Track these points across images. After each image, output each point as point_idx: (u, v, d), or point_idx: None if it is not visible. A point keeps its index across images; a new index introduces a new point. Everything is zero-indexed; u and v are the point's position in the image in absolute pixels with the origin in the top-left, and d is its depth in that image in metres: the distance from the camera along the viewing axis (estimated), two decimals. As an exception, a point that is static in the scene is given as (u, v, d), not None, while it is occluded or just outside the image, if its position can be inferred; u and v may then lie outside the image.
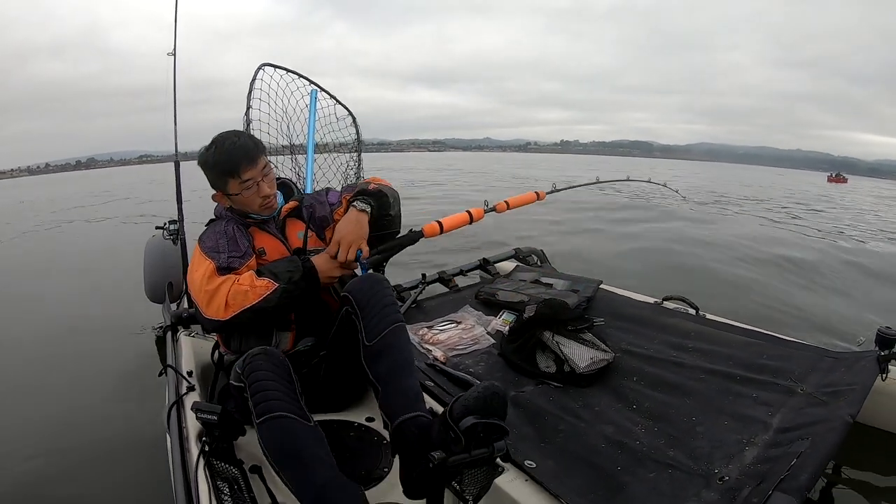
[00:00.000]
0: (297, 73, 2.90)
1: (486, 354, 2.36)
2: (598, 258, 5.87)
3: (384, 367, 1.52)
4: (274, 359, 1.49)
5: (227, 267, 1.69)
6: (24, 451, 2.42)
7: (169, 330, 2.32)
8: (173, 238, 2.94)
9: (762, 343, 2.18)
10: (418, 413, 1.43)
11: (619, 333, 2.42)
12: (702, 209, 11.73)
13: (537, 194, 2.59)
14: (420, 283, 3.08)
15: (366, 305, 1.60)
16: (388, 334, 1.56)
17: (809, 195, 20.68)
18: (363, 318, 1.59)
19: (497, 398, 1.31)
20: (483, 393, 1.30)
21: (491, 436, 1.29)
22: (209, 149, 1.77)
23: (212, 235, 1.79)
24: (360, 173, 3.35)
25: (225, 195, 1.80)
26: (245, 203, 1.80)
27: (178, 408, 1.72)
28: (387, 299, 1.63)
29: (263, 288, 1.62)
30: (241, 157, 1.74)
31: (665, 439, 1.72)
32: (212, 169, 1.77)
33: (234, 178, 1.74)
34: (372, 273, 1.77)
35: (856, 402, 1.67)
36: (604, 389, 2.05)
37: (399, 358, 1.54)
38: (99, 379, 3.08)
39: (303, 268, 1.68)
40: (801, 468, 1.40)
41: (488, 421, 1.27)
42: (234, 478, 1.46)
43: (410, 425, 1.40)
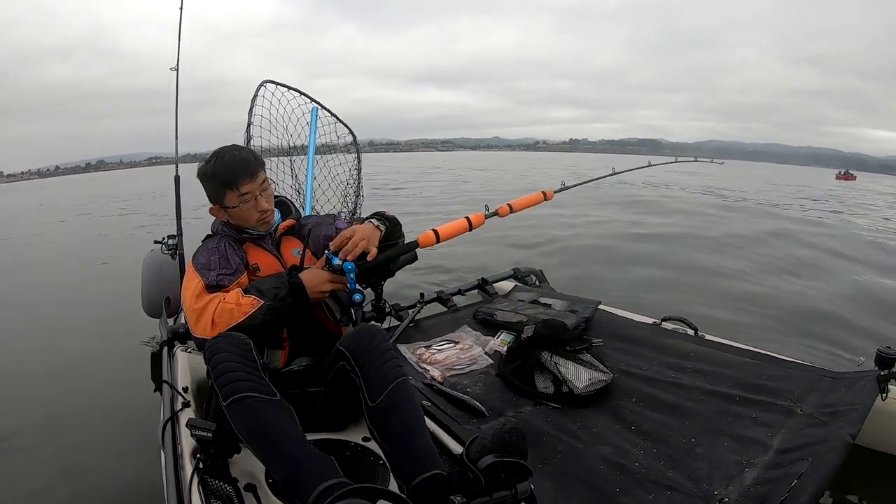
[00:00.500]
0: (298, 91, 2.93)
1: (483, 375, 2.35)
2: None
3: (393, 430, 1.47)
4: (233, 340, 1.48)
5: (216, 285, 1.67)
6: (16, 459, 2.40)
7: (165, 345, 2.31)
8: (171, 252, 2.93)
9: (761, 363, 2.17)
10: (434, 471, 1.37)
11: (618, 354, 2.42)
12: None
13: (544, 194, 2.39)
14: (418, 302, 3.07)
15: (364, 362, 1.57)
16: (392, 392, 1.51)
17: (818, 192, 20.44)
18: (362, 376, 1.56)
19: (515, 434, 1.27)
20: (500, 430, 1.27)
21: (513, 476, 1.25)
22: (209, 161, 1.77)
23: (204, 252, 1.78)
24: (360, 192, 3.36)
25: (222, 208, 1.80)
26: (242, 217, 1.80)
27: (173, 424, 1.71)
28: (386, 354, 1.59)
29: (248, 305, 1.59)
30: (240, 170, 1.75)
31: (664, 460, 1.71)
32: (211, 180, 1.77)
33: (233, 191, 1.74)
34: (366, 325, 1.74)
35: (856, 422, 1.66)
36: (602, 410, 2.04)
37: (407, 418, 1.49)
38: (93, 393, 3.05)
39: (289, 283, 1.65)
40: (802, 489, 1.39)
41: (508, 459, 1.23)
42: (228, 496, 1.44)
43: (426, 484, 1.35)
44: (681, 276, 5.68)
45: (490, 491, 1.22)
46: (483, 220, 2.06)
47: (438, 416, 1.91)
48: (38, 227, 12.43)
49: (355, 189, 3.34)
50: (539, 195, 2.38)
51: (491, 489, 1.22)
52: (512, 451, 1.25)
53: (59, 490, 2.19)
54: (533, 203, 2.34)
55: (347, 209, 3.33)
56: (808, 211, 13.08)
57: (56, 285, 5.93)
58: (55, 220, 13.28)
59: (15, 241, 10.31)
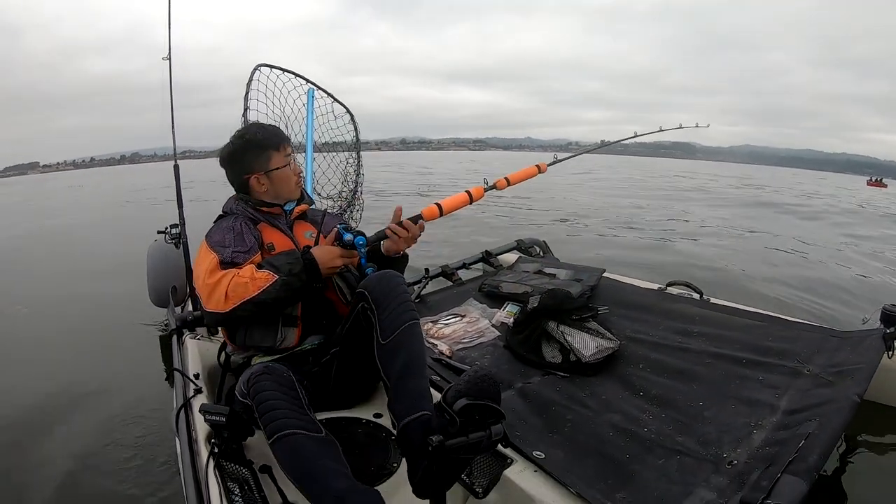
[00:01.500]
0: (293, 73, 2.90)
1: (491, 347, 2.36)
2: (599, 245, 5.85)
3: (396, 367, 1.51)
4: (277, 375, 1.48)
5: (230, 261, 1.69)
6: (30, 451, 2.43)
7: (174, 333, 2.32)
8: (175, 242, 2.93)
9: (767, 325, 2.18)
10: (422, 412, 1.42)
11: (624, 321, 2.42)
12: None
13: (538, 167, 2.46)
14: (423, 277, 3.08)
15: (382, 301, 1.60)
16: (402, 332, 1.55)
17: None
18: (379, 314, 1.58)
19: (487, 380, 1.31)
20: (473, 376, 1.31)
21: (487, 419, 1.28)
22: (244, 134, 1.90)
23: (219, 231, 1.80)
24: (360, 170, 3.34)
25: (265, 174, 1.87)
26: (284, 179, 1.90)
27: (186, 410, 1.73)
28: (403, 296, 1.62)
29: (263, 280, 1.61)
30: (280, 132, 1.95)
31: (673, 425, 1.72)
32: (256, 146, 1.86)
33: (279, 151, 1.88)
34: (388, 270, 1.76)
35: (863, 381, 1.67)
36: (610, 377, 2.05)
37: (410, 358, 1.53)
38: (106, 384, 3.08)
39: (303, 259, 1.68)
40: (810, 449, 1.40)
41: (480, 402, 1.27)
42: (244, 478, 1.46)
43: (415, 425, 1.40)
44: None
45: (466, 432, 1.25)
46: (482, 193, 2.11)
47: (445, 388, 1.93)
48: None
49: (355, 168, 3.33)
50: (534, 168, 2.43)
51: (466, 430, 1.26)
52: (484, 395, 1.29)
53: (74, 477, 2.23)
54: (528, 176, 2.39)
55: (348, 188, 3.32)
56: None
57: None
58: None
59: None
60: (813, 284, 4.67)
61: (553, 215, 8.50)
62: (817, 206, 14.14)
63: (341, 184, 3.31)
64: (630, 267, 4.39)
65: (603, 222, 7.72)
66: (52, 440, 2.53)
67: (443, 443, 1.24)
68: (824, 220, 10.55)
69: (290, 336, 1.78)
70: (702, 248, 6.12)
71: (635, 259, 5.25)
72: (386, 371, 1.53)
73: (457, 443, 1.25)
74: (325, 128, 3.24)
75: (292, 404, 1.43)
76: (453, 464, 1.31)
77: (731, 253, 5.94)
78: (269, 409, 1.40)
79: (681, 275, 3.12)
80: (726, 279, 4.52)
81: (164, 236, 2.97)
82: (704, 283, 2.64)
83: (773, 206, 12.21)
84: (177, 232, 2.88)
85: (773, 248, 6.28)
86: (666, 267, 4.92)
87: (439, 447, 1.24)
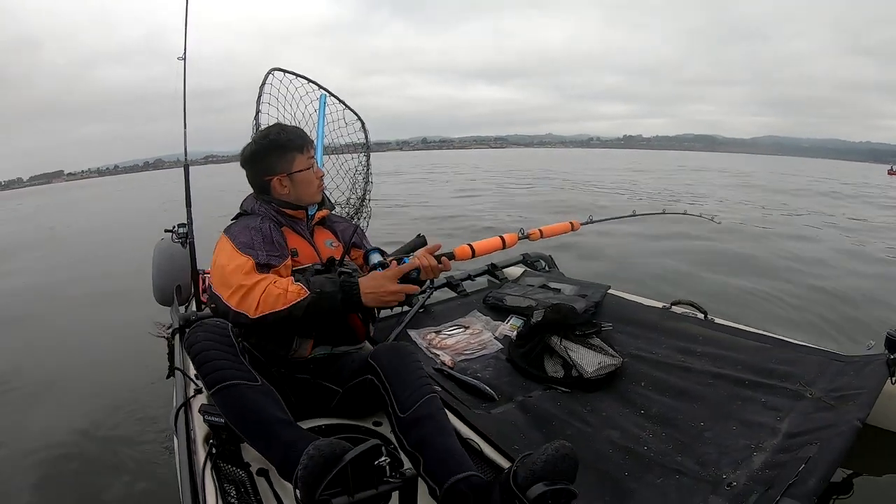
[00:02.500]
0: (306, 78, 2.92)
1: (493, 359, 2.36)
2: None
3: (422, 435, 1.46)
4: (210, 328, 1.48)
5: (266, 264, 1.65)
6: (29, 451, 2.43)
7: (177, 333, 2.33)
8: (182, 241, 2.94)
9: (770, 347, 2.17)
10: (471, 473, 1.36)
11: (627, 338, 2.42)
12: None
13: (571, 224, 2.61)
14: (428, 287, 3.08)
15: (395, 378, 1.57)
16: (423, 404, 1.51)
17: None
18: (393, 390, 1.56)
19: (567, 461, 1.22)
20: (553, 456, 1.21)
21: (559, 501, 1.19)
22: (267, 135, 1.87)
23: (244, 231, 1.74)
24: (370, 178, 3.35)
25: (287, 176, 1.84)
26: (306, 183, 1.86)
27: (186, 410, 1.73)
28: (418, 371, 1.60)
29: (295, 294, 1.55)
30: (304, 135, 1.91)
31: (673, 445, 1.71)
32: (279, 147, 1.83)
33: (304, 153, 1.85)
34: (397, 343, 1.74)
35: (865, 406, 1.66)
36: (611, 394, 2.04)
37: (437, 424, 1.49)
38: (107, 381, 3.09)
39: (341, 285, 1.60)
40: (810, 473, 1.39)
41: (559, 487, 1.18)
42: (240, 480, 1.46)
43: (463, 486, 1.32)
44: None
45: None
46: (516, 241, 2.20)
47: (448, 401, 1.92)
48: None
49: (364, 175, 3.34)
50: (567, 225, 2.61)
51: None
52: (562, 477, 1.21)
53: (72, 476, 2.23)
54: (561, 231, 2.55)
55: (356, 195, 3.33)
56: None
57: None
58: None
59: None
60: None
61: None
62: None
63: (349, 190, 3.32)
64: (636, 284, 4.38)
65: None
66: (47, 431, 2.54)
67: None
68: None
69: (303, 347, 1.76)
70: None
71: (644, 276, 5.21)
72: (410, 441, 1.48)
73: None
74: (336, 134, 3.25)
75: (228, 354, 1.44)
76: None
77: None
78: (206, 359, 1.41)
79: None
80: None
81: (171, 235, 2.98)
82: (707, 304, 2.63)
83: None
84: (184, 231, 2.89)
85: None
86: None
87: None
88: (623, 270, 5.42)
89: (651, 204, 11.74)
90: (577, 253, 5.97)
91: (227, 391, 1.39)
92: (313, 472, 1.09)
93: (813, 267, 5.77)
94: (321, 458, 1.10)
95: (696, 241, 6.91)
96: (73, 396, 2.92)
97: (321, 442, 1.14)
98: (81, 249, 8.53)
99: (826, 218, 10.37)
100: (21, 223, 14.49)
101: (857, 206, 13.03)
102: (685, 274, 5.38)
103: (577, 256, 5.76)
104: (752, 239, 7.42)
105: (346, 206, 3.29)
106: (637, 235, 7.27)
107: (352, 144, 3.31)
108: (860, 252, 6.88)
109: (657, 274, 5.24)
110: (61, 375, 3.29)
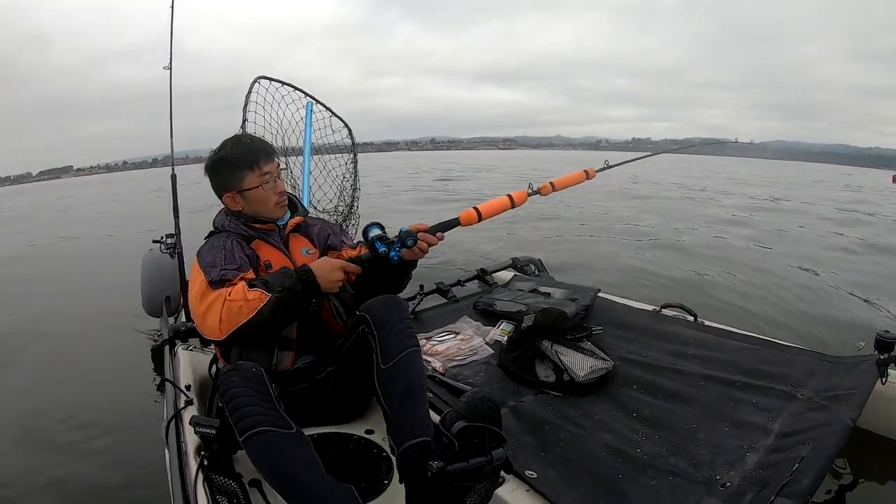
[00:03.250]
0: (292, 86, 2.92)
1: (484, 365, 2.36)
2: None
3: (395, 393, 1.50)
4: (245, 372, 1.45)
5: (219, 280, 1.61)
6: (18, 459, 2.40)
7: (167, 344, 2.31)
8: (170, 252, 2.93)
9: (761, 349, 2.18)
10: (422, 438, 1.40)
11: (618, 342, 2.42)
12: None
13: (586, 172, 2.32)
14: (418, 294, 3.07)
15: (383, 327, 1.58)
16: (404, 358, 1.54)
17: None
18: (380, 339, 1.57)
19: (487, 402, 1.30)
20: (472, 398, 1.29)
21: (487, 444, 1.27)
22: (223, 147, 1.79)
23: (209, 251, 1.72)
24: (357, 184, 3.36)
25: (238, 193, 1.77)
26: (261, 200, 1.78)
27: (177, 422, 1.72)
28: (405, 322, 1.61)
29: (257, 301, 1.53)
30: (260, 149, 1.78)
31: (666, 447, 1.71)
32: (228, 164, 1.76)
33: (254, 171, 1.74)
34: (391, 295, 1.73)
35: (856, 406, 1.67)
36: (603, 398, 2.04)
37: (410, 384, 1.51)
38: (96, 393, 3.06)
39: (297, 273, 1.60)
40: (803, 473, 1.40)
41: (479, 424, 1.25)
42: (233, 492, 1.45)
43: (415, 449, 1.38)
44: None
45: (466, 457, 1.24)
46: (525, 198, 2.03)
47: (441, 408, 1.92)
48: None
49: (352, 183, 3.34)
50: (581, 174, 2.33)
51: (466, 455, 1.24)
52: (483, 417, 1.27)
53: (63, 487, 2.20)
54: (576, 181, 2.30)
55: (345, 203, 3.32)
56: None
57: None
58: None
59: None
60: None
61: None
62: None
63: (337, 198, 3.31)
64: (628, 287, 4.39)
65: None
66: (37, 445, 2.51)
67: (443, 469, 1.22)
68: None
69: (284, 360, 1.75)
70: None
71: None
72: (385, 396, 1.51)
73: (457, 468, 1.23)
74: (323, 141, 3.25)
75: (262, 400, 1.40)
76: (454, 491, 1.28)
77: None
78: (239, 406, 1.37)
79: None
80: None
81: (159, 245, 2.96)
82: (698, 306, 2.64)
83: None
84: (172, 242, 2.87)
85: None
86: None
87: (439, 473, 1.21)
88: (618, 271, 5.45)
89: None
90: (567, 256, 5.98)
91: (260, 437, 1.34)
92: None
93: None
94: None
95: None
96: (53, 405, 2.89)
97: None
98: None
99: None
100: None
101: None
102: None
103: (567, 259, 5.77)
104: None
105: (333, 213, 3.29)
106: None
107: (335, 145, 3.31)
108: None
109: (646, 277, 5.26)
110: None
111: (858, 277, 5.42)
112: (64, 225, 12.87)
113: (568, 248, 6.49)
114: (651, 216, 10.18)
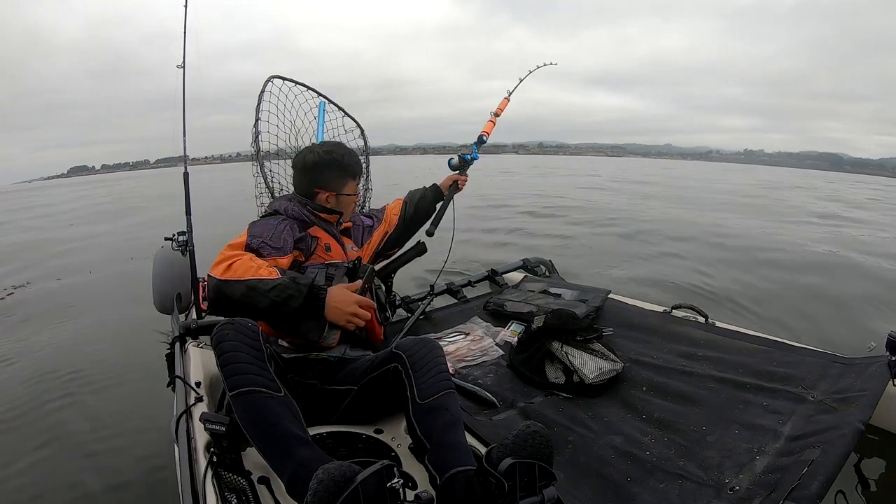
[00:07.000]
0: (305, 86, 2.92)
1: (494, 366, 2.35)
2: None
3: (434, 425, 1.49)
4: (242, 328, 1.48)
5: (255, 248, 1.76)
6: (25, 454, 2.42)
7: (178, 341, 2.32)
8: (182, 249, 2.94)
9: (772, 350, 2.17)
10: (468, 467, 1.37)
11: (628, 343, 2.42)
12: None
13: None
14: (428, 294, 3.08)
15: (420, 367, 1.60)
16: (443, 396, 1.54)
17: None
18: (416, 378, 1.58)
19: (539, 437, 1.25)
20: (523, 432, 1.25)
21: (537, 482, 1.22)
22: (333, 151, 2.04)
23: (262, 225, 1.91)
24: (369, 185, 3.36)
25: (338, 195, 2.06)
26: (348, 205, 2.11)
27: (187, 418, 1.72)
28: (441, 366, 1.63)
29: (266, 272, 1.64)
30: (360, 164, 2.15)
31: (675, 449, 1.71)
32: (339, 168, 2.05)
33: (355, 181, 2.10)
34: (426, 337, 1.75)
35: (867, 409, 1.65)
36: (613, 399, 2.04)
37: (452, 418, 1.51)
38: (107, 389, 3.08)
39: (310, 288, 1.66)
40: (813, 477, 1.38)
41: (528, 461, 1.21)
42: (242, 489, 1.46)
43: (461, 478, 1.34)
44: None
45: (515, 498, 1.19)
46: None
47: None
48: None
49: (364, 184, 3.34)
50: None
51: (516, 496, 1.19)
52: (534, 454, 1.22)
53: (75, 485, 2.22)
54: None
55: (357, 203, 3.33)
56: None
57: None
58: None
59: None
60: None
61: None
62: None
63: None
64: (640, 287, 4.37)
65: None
66: (46, 438, 2.52)
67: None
68: None
69: (331, 336, 1.80)
70: None
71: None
72: (422, 428, 1.51)
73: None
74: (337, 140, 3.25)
75: (255, 358, 1.43)
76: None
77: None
78: (231, 361, 1.40)
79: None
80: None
81: (171, 243, 2.98)
82: (709, 307, 2.63)
83: None
84: (184, 239, 2.88)
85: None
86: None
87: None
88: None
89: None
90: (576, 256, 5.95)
91: (248, 397, 1.38)
92: (323, 498, 1.09)
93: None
94: (331, 482, 1.10)
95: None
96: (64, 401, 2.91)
97: (331, 465, 1.14)
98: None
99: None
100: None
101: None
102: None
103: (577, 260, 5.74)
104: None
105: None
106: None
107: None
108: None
109: (658, 278, 5.21)
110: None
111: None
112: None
113: (578, 250, 6.45)
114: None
